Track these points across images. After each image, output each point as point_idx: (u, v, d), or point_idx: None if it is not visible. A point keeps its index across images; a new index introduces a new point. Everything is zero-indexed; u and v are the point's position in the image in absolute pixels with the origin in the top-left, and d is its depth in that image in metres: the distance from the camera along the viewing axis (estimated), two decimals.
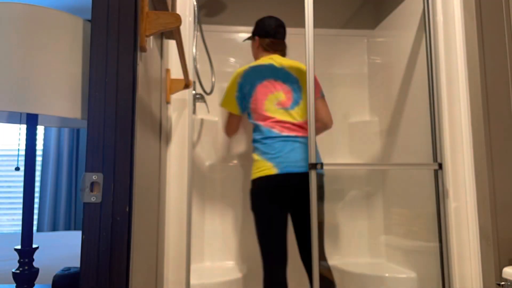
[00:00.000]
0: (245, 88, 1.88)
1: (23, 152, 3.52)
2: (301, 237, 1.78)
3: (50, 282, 1.57)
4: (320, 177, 1.80)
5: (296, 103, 1.85)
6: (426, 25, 1.80)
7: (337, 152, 2.55)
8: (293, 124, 1.81)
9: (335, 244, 2.42)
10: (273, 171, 1.71)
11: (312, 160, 1.62)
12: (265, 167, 1.72)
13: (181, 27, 1.59)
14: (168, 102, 1.50)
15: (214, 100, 2.52)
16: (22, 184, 3.22)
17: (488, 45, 1.54)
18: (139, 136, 0.88)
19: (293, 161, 1.73)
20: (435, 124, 1.73)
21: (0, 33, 0.84)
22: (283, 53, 2.00)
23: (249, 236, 2.38)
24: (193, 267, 2.23)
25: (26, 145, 0.98)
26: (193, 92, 2.08)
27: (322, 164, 1.62)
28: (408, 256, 2.08)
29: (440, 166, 1.69)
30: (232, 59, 2.56)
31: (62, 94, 0.87)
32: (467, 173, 1.55)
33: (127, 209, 0.77)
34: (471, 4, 1.56)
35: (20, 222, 3.19)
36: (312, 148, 1.61)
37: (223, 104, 1.96)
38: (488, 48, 1.54)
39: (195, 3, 1.74)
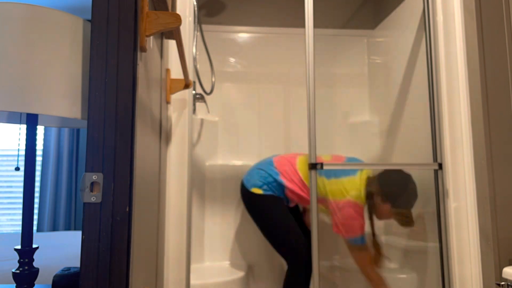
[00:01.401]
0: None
1: (23, 152, 3.52)
2: None
3: (50, 282, 1.57)
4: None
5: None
6: (426, 25, 1.80)
7: (337, 152, 2.55)
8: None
9: (335, 243, 2.42)
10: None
11: (312, 160, 1.62)
12: None
13: (181, 27, 1.59)
14: (168, 102, 1.50)
15: (214, 100, 2.52)
16: (22, 184, 3.22)
17: (488, 45, 1.54)
18: (139, 136, 0.88)
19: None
20: (435, 124, 1.73)
21: (0, 33, 0.84)
22: None
23: (249, 236, 2.38)
24: (193, 267, 2.23)
25: (26, 145, 0.98)
26: (193, 92, 2.08)
27: (322, 164, 1.62)
28: (408, 256, 2.08)
29: (440, 166, 1.69)
30: (232, 59, 2.56)
31: (62, 94, 0.87)
32: (467, 173, 1.55)
33: (127, 209, 0.77)
34: (471, 4, 1.56)
35: (20, 222, 3.19)
36: (312, 148, 1.61)
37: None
38: (488, 48, 1.54)
39: (195, 3, 1.74)
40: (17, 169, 1.11)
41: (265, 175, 1.92)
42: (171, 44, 1.57)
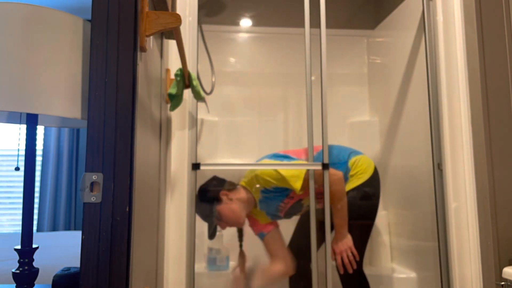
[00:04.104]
0: None
1: (23, 152, 3.52)
2: None
3: (50, 282, 1.57)
4: None
5: None
6: (426, 25, 1.80)
7: None
8: None
9: None
10: None
11: (310, 160, 1.62)
12: None
13: (181, 27, 1.59)
14: (168, 102, 1.50)
15: (214, 100, 2.52)
16: (22, 184, 3.22)
17: (488, 45, 1.54)
18: (139, 136, 0.88)
19: None
20: (435, 124, 1.72)
21: (0, 33, 0.84)
22: None
23: (248, 236, 2.38)
24: None
25: (26, 145, 0.98)
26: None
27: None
28: (408, 256, 2.08)
29: (440, 166, 1.69)
30: (232, 59, 2.56)
31: (62, 94, 0.87)
32: (467, 173, 1.55)
33: (127, 209, 0.77)
34: (471, 4, 1.56)
35: (20, 222, 3.19)
36: (312, 148, 1.61)
37: None
38: (488, 48, 1.54)
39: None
40: (17, 169, 1.11)
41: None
42: (171, 44, 1.57)
